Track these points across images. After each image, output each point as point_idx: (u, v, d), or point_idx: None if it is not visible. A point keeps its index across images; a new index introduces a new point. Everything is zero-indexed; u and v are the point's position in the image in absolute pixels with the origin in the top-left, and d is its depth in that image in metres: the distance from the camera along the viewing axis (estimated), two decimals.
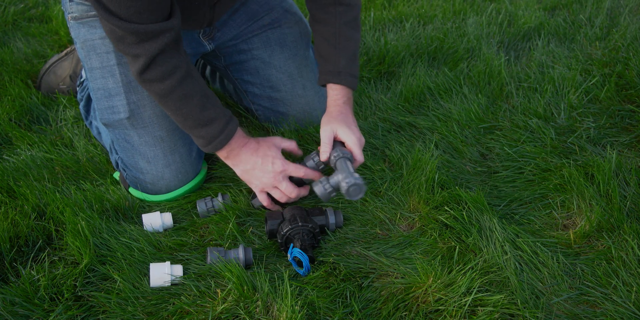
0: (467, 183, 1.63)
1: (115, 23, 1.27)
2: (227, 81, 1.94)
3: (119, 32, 1.30)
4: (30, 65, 2.21)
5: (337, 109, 1.56)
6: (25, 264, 1.40)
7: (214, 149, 1.48)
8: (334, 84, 1.57)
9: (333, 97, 1.58)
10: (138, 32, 1.29)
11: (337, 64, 1.56)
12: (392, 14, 2.53)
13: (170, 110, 1.44)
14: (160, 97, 1.41)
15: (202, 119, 1.44)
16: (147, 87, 1.40)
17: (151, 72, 1.36)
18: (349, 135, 1.49)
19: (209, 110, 1.44)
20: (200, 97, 1.43)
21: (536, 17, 2.45)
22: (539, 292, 1.31)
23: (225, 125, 1.46)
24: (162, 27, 1.31)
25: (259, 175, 1.49)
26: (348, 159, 1.46)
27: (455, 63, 2.16)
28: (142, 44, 1.31)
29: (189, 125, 1.45)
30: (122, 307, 1.28)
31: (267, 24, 1.75)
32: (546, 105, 1.87)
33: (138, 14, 1.27)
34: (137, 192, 1.63)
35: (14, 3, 2.66)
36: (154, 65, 1.35)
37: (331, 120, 1.52)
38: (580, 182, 1.54)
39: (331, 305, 1.29)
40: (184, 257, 1.43)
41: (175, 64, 1.37)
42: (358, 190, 1.38)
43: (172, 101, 1.41)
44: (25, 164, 1.70)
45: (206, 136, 1.46)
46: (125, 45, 1.32)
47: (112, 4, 1.26)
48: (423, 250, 1.42)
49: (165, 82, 1.38)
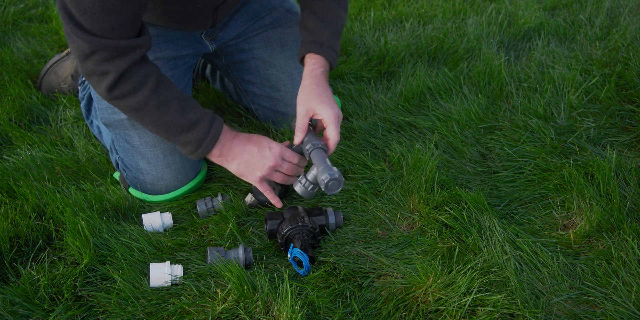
0: (467, 183, 1.63)
1: (86, 38, 1.23)
2: (228, 80, 1.94)
3: (87, 49, 1.25)
4: (30, 65, 2.21)
5: (313, 80, 1.50)
6: (25, 264, 1.40)
7: (205, 152, 1.43)
8: (314, 55, 1.53)
9: (310, 66, 1.53)
10: (110, 47, 1.25)
11: (322, 36, 1.54)
12: (392, 14, 2.53)
13: (150, 123, 1.39)
14: (135, 111, 1.36)
15: (185, 124, 1.39)
16: (120, 105, 1.36)
17: (121, 86, 1.31)
18: (325, 110, 1.45)
19: (189, 113, 1.40)
20: (177, 102, 1.38)
21: (536, 17, 2.45)
22: (539, 292, 1.31)
23: (210, 124, 1.42)
24: (134, 43, 1.28)
25: (260, 163, 1.45)
26: (322, 149, 1.44)
27: (455, 63, 2.16)
28: (113, 60, 1.28)
29: (173, 133, 1.40)
30: (122, 307, 1.29)
31: (268, 24, 1.75)
32: (546, 105, 1.87)
33: (111, 29, 1.24)
34: (137, 192, 1.63)
35: (14, 3, 2.66)
36: (123, 79, 1.31)
37: (307, 98, 1.48)
38: (580, 182, 1.54)
39: (331, 305, 1.29)
40: (184, 257, 1.43)
41: (146, 73, 1.34)
42: (337, 184, 1.37)
43: (150, 112, 1.36)
44: (25, 164, 1.70)
45: (193, 140, 1.41)
46: (93, 62, 1.28)
47: (85, 19, 1.22)
48: (423, 250, 1.42)
49: (137, 94, 1.33)
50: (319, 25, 1.55)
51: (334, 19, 1.56)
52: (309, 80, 1.51)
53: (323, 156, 1.41)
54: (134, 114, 1.38)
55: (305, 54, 1.55)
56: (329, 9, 1.56)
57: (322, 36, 1.54)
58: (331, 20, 1.56)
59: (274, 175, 1.47)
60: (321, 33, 1.54)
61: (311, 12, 1.56)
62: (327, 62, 1.55)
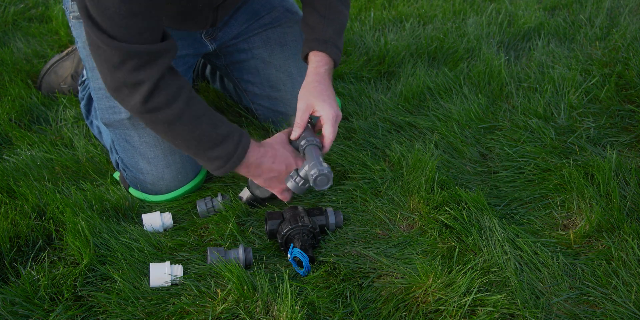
0: (467, 183, 1.63)
1: (116, 46, 1.20)
2: (227, 80, 1.94)
3: (117, 57, 1.22)
4: (30, 65, 2.21)
5: (316, 78, 1.50)
6: (25, 264, 1.40)
7: (232, 167, 1.41)
8: (318, 52, 1.53)
9: (314, 64, 1.53)
10: (141, 53, 1.22)
11: (325, 33, 1.53)
12: (392, 14, 2.53)
13: (180, 137, 1.36)
14: (169, 124, 1.32)
15: (216, 138, 1.37)
16: (152, 118, 1.32)
17: (155, 98, 1.28)
18: (324, 109, 1.46)
19: (220, 127, 1.38)
20: (209, 116, 1.37)
21: (536, 17, 2.45)
22: (539, 292, 1.31)
23: (239, 138, 1.40)
24: (163, 47, 1.26)
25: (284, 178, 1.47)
26: (316, 146, 1.45)
27: (455, 63, 2.16)
28: (145, 68, 1.24)
29: (203, 148, 1.37)
30: (122, 307, 1.29)
31: (268, 23, 1.75)
32: (546, 105, 1.87)
33: (139, 34, 1.21)
34: (137, 192, 1.63)
35: (14, 3, 2.66)
36: (158, 90, 1.27)
37: (308, 94, 1.48)
38: (580, 182, 1.54)
39: (331, 305, 1.29)
40: (184, 257, 1.43)
41: (179, 84, 1.31)
42: (325, 180, 1.37)
43: (184, 125, 1.33)
44: (25, 164, 1.70)
45: (222, 155, 1.38)
46: (124, 72, 1.24)
47: (112, 25, 1.19)
48: (423, 250, 1.42)
49: (172, 107, 1.30)
50: (321, 23, 1.54)
51: (336, 16, 1.56)
52: (312, 77, 1.51)
53: (317, 153, 1.42)
54: (166, 127, 1.34)
55: (308, 52, 1.55)
56: (331, 6, 1.55)
57: (325, 33, 1.53)
58: (334, 18, 1.55)
59: None
60: (324, 30, 1.53)
61: (313, 10, 1.56)
62: (331, 60, 1.54)
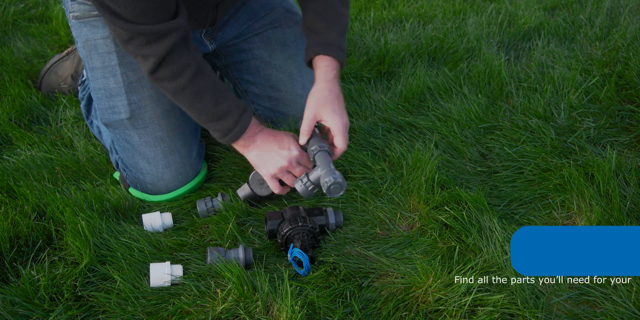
0: (467, 183, 1.63)
1: (122, 26, 1.28)
2: (228, 80, 1.94)
3: (125, 34, 1.30)
4: (30, 65, 2.21)
5: (326, 85, 1.50)
6: (25, 264, 1.40)
7: (231, 141, 1.49)
8: (324, 56, 1.52)
9: (323, 69, 1.53)
10: (145, 33, 1.30)
11: (329, 37, 1.53)
12: (392, 14, 2.53)
13: (183, 106, 1.46)
14: (172, 94, 1.43)
15: (216, 113, 1.44)
16: (159, 85, 1.42)
17: (161, 71, 1.37)
18: (334, 120, 1.46)
19: (222, 104, 1.44)
20: (212, 92, 1.43)
21: (536, 17, 2.45)
22: (539, 292, 1.31)
23: (239, 117, 1.46)
24: (168, 26, 1.31)
25: (275, 159, 1.48)
26: (327, 152, 1.45)
27: (455, 63, 2.16)
28: (150, 44, 1.32)
29: (203, 120, 1.47)
30: (122, 307, 1.28)
31: (268, 24, 1.75)
32: (546, 105, 1.87)
33: (144, 14, 1.27)
34: (137, 192, 1.63)
35: (14, 3, 2.65)
36: (164, 64, 1.35)
37: (317, 103, 1.48)
38: (580, 182, 1.54)
39: (331, 305, 1.29)
40: (184, 257, 1.43)
41: (185, 62, 1.38)
42: (339, 188, 1.38)
43: (185, 98, 1.42)
44: (25, 164, 1.70)
45: (222, 129, 1.46)
46: (133, 46, 1.33)
47: (118, 6, 1.26)
48: (423, 250, 1.42)
49: (176, 81, 1.39)
50: (324, 26, 1.54)
51: (337, 18, 1.56)
52: (322, 84, 1.51)
53: (328, 159, 1.43)
54: (171, 96, 1.44)
55: (313, 56, 1.54)
56: (332, 8, 1.55)
57: (329, 37, 1.53)
58: (335, 20, 1.55)
59: (285, 175, 1.50)
60: (327, 33, 1.53)
61: (314, 13, 1.55)
62: (338, 63, 1.54)
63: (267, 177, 1.51)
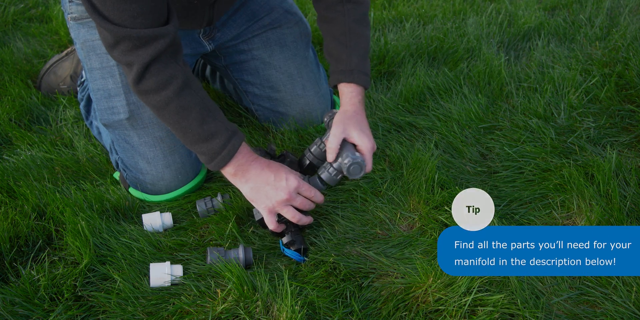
0: (467, 183, 1.63)
1: (108, 28, 1.24)
2: (227, 81, 1.94)
3: (111, 39, 1.26)
4: (30, 65, 2.21)
5: (353, 108, 1.51)
6: (25, 264, 1.40)
7: (218, 166, 1.39)
8: (348, 84, 1.53)
9: (348, 95, 1.53)
10: (131, 37, 1.24)
11: (349, 63, 1.52)
12: (392, 14, 2.53)
13: (169, 124, 1.38)
14: (157, 109, 1.36)
15: (202, 134, 1.36)
16: (144, 99, 1.35)
17: (146, 82, 1.30)
18: (363, 140, 1.45)
19: (209, 123, 1.36)
20: (200, 110, 1.35)
21: (536, 17, 2.44)
22: (539, 292, 1.31)
23: (227, 140, 1.38)
24: (155, 32, 1.26)
25: (272, 193, 1.40)
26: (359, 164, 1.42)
27: (455, 63, 2.16)
28: (135, 50, 1.26)
29: (189, 141, 1.38)
30: (122, 307, 1.29)
31: (267, 24, 1.75)
32: (546, 105, 1.87)
33: (132, 18, 1.23)
34: (137, 192, 1.63)
35: (14, 3, 2.65)
36: (149, 74, 1.30)
37: (346, 121, 1.47)
38: (580, 182, 1.54)
39: (331, 305, 1.29)
40: (184, 257, 1.43)
41: (171, 73, 1.32)
42: (358, 168, 1.41)
43: (170, 114, 1.35)
44: (25, 164, 1.70)
45: (207, 152, 1.38)
46: (118, 52, 1.28)
47: (106, 8, 1.23)
48: (423, 250, 1.42)
49: (161, 93, 1.32)
50: (344, 52, 1.53)
51: (358, 41, 1.54)
52: (349, 107, 1.52)
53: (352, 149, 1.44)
54: (156, 112, 1.37)
55: (337, 84, 1.55)
56: (351, 32, 1.53)
57: (349, 63, 1.52)
58: (356, 44, 1.53)
59: (284, 209, 1.41)
60: (348, 59, 1.52)
61: (333, 39, 1.54)
62: (362, 88, 1.54)
63: (264, 212, 1.42)
